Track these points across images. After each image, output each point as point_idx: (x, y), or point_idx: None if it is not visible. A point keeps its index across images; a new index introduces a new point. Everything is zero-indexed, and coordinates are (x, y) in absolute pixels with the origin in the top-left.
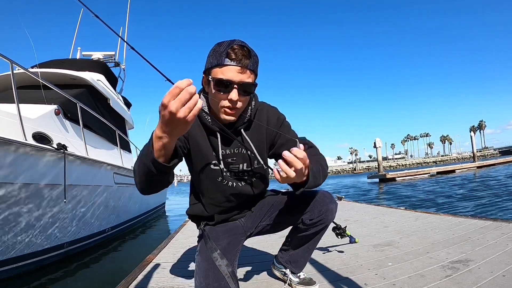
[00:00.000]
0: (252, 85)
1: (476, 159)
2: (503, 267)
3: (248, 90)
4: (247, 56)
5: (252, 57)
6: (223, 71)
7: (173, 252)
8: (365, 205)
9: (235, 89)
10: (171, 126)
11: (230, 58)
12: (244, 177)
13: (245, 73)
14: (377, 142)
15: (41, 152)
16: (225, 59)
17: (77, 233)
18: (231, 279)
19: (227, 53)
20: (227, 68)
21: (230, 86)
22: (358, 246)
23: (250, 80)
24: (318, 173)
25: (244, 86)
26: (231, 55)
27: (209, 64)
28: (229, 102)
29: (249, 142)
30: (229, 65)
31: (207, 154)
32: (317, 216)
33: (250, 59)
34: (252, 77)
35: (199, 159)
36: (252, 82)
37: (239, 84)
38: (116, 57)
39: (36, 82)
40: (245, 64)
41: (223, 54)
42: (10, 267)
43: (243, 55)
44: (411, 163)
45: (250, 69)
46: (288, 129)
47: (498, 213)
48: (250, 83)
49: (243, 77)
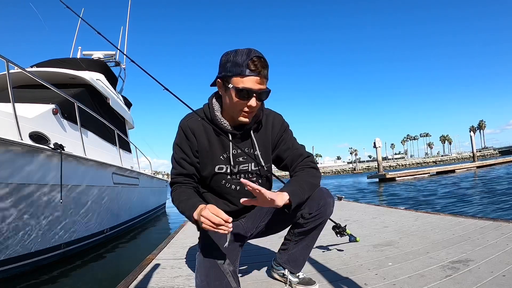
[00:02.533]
0: (267, 92)
1: (476, 159)
2: (503, 267)
3: (265, 97)
4: (264, 67)
5: (267, 66)
6: (244, 81)
7: (173, 252)
8: (365, 205)
9: (254, 97)
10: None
11: (250, 69)
12: (253, 179)
13: (263, 82)
14: (377, 142)
15: (37, 152)
16: (246, 70)
17: (74, 233)
18: (232, 278)
19: (248, 64)
20: (248, 79)
21: (250, 94)
22: (358, 246)
23: (265, 87)
24: (301, 190)
25: (262, 94)
26: (251, 66)
27: (228, 72)
28: (248, 107)
29: (255, 142)
30: (250, 75)
31: (215, 155)
32: (316, 210)
33: (266, 69)
34: (266, 84)
35: (206, 162)
36: (267, 89)
37: (257, 93)
38: (117, 57)
39: (35, 82)
40: (264, 75)
41: (244, 65)
42: (6, 268)
43: (262, 67)
44: (411, 163)
45: (266, 78)
46: (290, 136)
47: (497, 212)
48: (267, 91)
49: (261, 86)
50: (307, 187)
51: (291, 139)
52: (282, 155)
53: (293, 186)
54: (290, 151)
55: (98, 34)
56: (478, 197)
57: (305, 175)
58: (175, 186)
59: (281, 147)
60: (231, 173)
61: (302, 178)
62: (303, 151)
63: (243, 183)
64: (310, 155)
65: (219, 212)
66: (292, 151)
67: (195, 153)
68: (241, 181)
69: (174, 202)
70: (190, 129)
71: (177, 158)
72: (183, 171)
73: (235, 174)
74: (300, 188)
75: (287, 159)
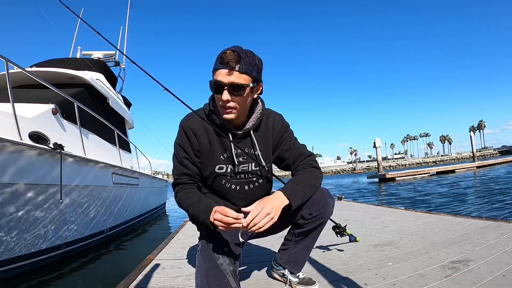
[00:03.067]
0: (242, 86)
1: (475, 159)
2: (503, 267)
3: (238, 90)
4: (235, 60)
5: (242, 60)
6: (216, 74)
7: (173, 252)
8: (365, 205)
9: (225, 90)
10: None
11: (221, 62)
12: (253, 179)
13: (233, 74)
14: (376, 142)
15: (37, 151)
16: (218, 64)
17: (74, 234)
18: (232, 278)
19: (220, 57)
20: (218, 72)
21: (221, 87)
22: (358, 246)
23: (242, 81)
24: (303, 192)
25: (233, 87)
26: (223, 59)
27: (212, 70)
28: (222, 102)
29: (255, 143)
30: (220, 68)
31: (216, 155)
32: (316, 210)
33: (240, 63)
34: (244, 78)
35: (207, 162)
36: (242, 83)
37: (228, 85)
38: (116, 57)
39: (34, 82)
40: (232, 67)
41: (217, 59)
42: (6, 268)
43: (231, 59)
44: (411, 163)
45: (240, 72)
46: (291, 136)
47: (497, 212)
48: (239, 84)
49: (232, 79)
50: (308, 188)
51: (292, 139)
52: (283, 155)
53: (294, 187)
54: (291, 150)
55: (97, 34)
56: (474, 197)
57: (307, 175)
58: (180, 187)
59: (282, 147)
60: (231, 173)
61: (304, 179)
62: (304, 150)
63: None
64: (312, 154)
65: (227, 211)
66: (293, 151)
67: (196, 153)
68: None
69: (182, 205)
70: (191, 129)
71: (180, 158)
72: (187, 171)
73: (236, 174)
74: (301, 189)
75: (288, 158)
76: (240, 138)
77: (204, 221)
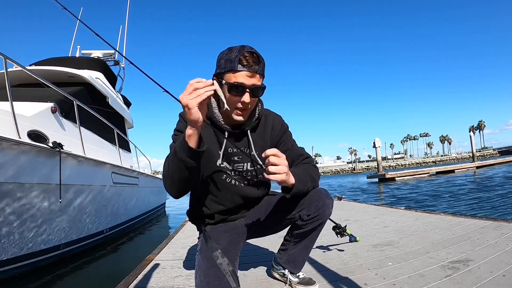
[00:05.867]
0: (262, 88)
1: (475, 159)
2: (503, 267)
3: (258, 92)
4: (256, 62)
5: (261, 62)
6: (236, 76)
7: (173, 252)
8: (365, 205)
9: (247, 92)
10: (188, 114)
11: (242, 64)
12: (248, 177)
13: (255, 77)
14: (376, 142)
15: (36, 150)
16: (238, 65)
17: (74, 234)
18: (232, 278)
19: (240, 59)
20: (240, 74)
21: (243, 89)
22: (358, 246)
23: (260, 83)
24: (305, 178)
25: (255, 89)
26: (243, 61)
27: (222, 69)
28: (241, 104)
29: (251, 142)
30: (242, 70)
31: (213, 152)
32: (314, 212)
33: (259, 64)
34: (261, 80)
35: (205, 157)
36: (261, 85)
37: (251, 88)
38: (116, 56)
39: (33, 80)
40: (255, 70)
41: (236, 60)
42: (5, 268)
43: (253, 61)
44: (411, 163)
45: (259, 73)
46: (290, 138)
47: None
48: (260, 86)
49: (254, 81)
50: (310, 180)
51: (291, 141)
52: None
53: (300, 173)
54: (290, 151)
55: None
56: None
57: (309, 167)
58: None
59: (280, 148)
60: (227, 169)
61: (307, 169)
62: (303, 152)
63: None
64: (310, 156)
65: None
66: (292, 152)
67: None
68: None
69: (166, 166)
70: None
71: (175, 138)
72: None
73: (231, 171)
74: (306, 176)
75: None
76: (237, 137)
77: (183, 147)
